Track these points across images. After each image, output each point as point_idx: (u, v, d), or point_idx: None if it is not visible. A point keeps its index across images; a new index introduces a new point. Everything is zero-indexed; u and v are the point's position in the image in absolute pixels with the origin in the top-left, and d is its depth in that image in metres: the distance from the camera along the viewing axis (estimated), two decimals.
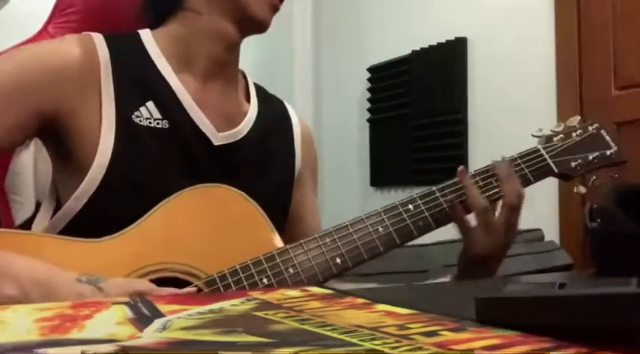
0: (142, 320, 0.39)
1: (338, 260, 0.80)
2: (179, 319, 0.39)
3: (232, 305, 0.44)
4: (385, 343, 0.32)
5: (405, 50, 3.02)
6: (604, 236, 0.75)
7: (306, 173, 1.01)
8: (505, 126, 2.53)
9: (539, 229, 2.08)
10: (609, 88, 2.26)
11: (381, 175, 3.20)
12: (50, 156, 0.88)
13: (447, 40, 2.81)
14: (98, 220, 0.80)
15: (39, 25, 1.11)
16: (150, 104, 0.84)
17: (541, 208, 0.89)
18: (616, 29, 2.23)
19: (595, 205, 0.78)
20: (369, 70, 3.26)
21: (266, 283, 0.77)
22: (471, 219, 0.88)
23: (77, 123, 0.81)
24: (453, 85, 2.79)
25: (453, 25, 2.78)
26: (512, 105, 2.54)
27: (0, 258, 0.70)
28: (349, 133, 3.36)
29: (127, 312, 0.41)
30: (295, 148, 0.99)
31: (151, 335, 0.35)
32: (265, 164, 0.93)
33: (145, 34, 0.90)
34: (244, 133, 0.91)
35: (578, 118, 0.96)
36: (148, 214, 0.79)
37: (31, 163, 1.02)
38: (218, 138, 0.87)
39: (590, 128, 0.94)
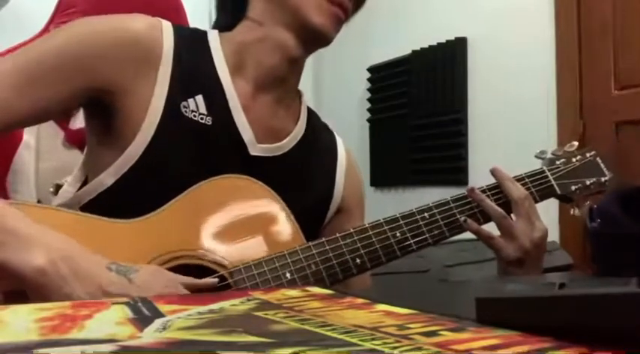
0: (142, 320, 0.39)
1: (358, 260, 0.83)
2: (179, 319, 0.39)
3: (232, 305, 0.44)
4: (385, 343, 0.32)
5: (405, 50, 3.02)
6: (604, 236, 0.75)
7: (353, 207, 1.01)
8: (505, 126, 2.53)
9: None
10: (609, 89, 2.26)
11: (381, 175, 3.20)
12: (90, 128, 0.88)
13: (447, 40, 2.81)
14: (125, 199, 0.81)
15: (39, 25, 1.12)
16: (199, 98, 0.85)
17: (541, 208, 0.91)
18: (616, 29, 2.23)
19: (595, 205, 0.78)
20: (369, 70, 3.26)
21: (289, 277, 0.79)
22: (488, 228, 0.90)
23: (127, 101, 0.82)
24: (452, 85, 2.79)
25: (453, 25, 2.78)
26: (513, 105, 2.54)
27: (31, 227, 0.68)
28: (349, 133, 3.35)
29: (127, 312, 0.42)
30: (336, 180, 0.98)
31: (150, 335, 0.35)
32: (297, 187, 0.92)
33: (212, 34, 0.91)
34: (284, 151, 0.91)
35: (576, 144, 1.01)
36: (172, 201, 0.80)
37: (32, 161, 1.02)
38: (256, 148, 0.88)
39: (587, 155, 0.98)
